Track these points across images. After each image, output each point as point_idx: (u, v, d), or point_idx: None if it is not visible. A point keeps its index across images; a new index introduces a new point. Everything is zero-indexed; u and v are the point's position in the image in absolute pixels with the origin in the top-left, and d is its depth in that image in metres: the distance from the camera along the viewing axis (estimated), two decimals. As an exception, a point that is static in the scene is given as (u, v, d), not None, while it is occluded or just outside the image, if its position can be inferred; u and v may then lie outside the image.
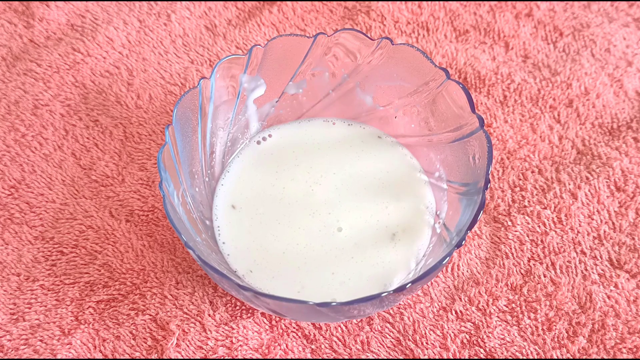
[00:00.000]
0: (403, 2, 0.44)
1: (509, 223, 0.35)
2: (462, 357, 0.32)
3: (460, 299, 0.33)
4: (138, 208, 0.36)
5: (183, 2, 0.45)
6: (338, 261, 0.32)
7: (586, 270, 0.34)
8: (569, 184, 0.36)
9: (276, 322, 0.33)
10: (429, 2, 0.44)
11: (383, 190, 0.35)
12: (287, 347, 0.32)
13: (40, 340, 0.32)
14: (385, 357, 0.32)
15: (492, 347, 0.32)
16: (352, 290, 0.32)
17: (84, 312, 0.33)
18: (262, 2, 0.45)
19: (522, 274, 0.34)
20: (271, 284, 0.32)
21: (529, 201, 0.36)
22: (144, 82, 0.41)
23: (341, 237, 0.33)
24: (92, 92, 0.41)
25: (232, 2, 0.45)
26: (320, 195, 0.34)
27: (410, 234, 0.33)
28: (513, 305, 0.33)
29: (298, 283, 0.32)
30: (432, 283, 0.34)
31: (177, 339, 0.32)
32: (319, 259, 0.32)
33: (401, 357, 0.32)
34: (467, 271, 0.34)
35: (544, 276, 0.34)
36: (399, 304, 0.33)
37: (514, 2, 0.44)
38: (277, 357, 0.32)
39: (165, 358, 0.32)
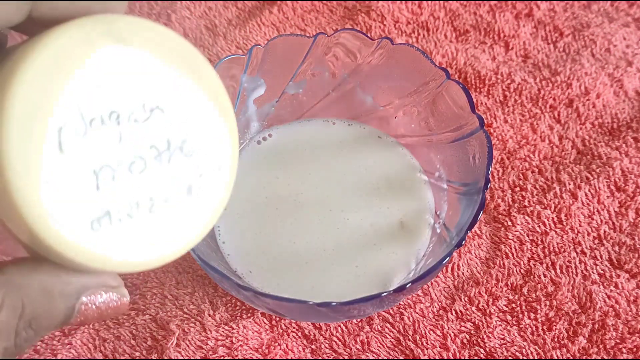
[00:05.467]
0: (403, 2, 0.44)
1: (509, 223, 0.35)
2: (462, 357, 0.32)
3: (460, 299, 0.33)
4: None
5: (183, 2, 0.45)
6: (339, 261, 0.32)
7: (586, 270, 0.34)
8: (569, 184, 0.36)
9: (276, 322, 0.33)
10: (429, 2, 0.44)
11: (383, 190, 0.35)
12: (287, 347, 0.32)
13: (41, 340, 0.32)
14: (385, 357, 0.32)
15: (492, 347, 0.32)
16: (352, 290, 0.32)
17: (84, 312, 0.33)
18: (262, 2, 0.45)
19: (522, 274, 0.34)
20: (271, 284, 0.32)
21: (529, 201, 0.36)
22: (144, 82, 0.41)
23: (341, 236, 0.33)
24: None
25: (232, 2, 0.45)
26: (320, 195, 0.34)
27: (410, 233, 0.33)
28: (513, 305, 0.33)
29: (298, 282, 0.32)
30: (432, 283, 0.34)
31: (177, 339, 0.32)
32: (320, 259, 0.32)
33: (401, 357, 0.32)
34: (467, 271, 0.34)
35: (544, 276, 0.34)
36: (399, 304, 0.33)
37: (514, 2, 0.44)
38: (277, 357, 0.32)
39: (165, 358, 0.32)
